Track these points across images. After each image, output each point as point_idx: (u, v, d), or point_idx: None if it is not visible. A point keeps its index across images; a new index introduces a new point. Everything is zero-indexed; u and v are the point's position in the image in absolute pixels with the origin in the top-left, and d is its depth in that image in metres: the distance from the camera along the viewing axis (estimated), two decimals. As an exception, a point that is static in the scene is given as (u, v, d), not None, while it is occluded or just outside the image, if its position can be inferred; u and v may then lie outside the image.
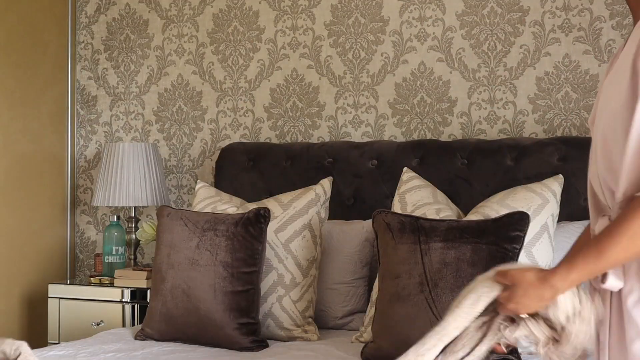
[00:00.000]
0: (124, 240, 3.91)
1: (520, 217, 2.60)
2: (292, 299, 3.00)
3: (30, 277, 4.14)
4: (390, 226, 2.73)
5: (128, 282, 3.72)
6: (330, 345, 2.86)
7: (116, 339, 2.99)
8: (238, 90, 4.06)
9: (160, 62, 4.22)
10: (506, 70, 3.59)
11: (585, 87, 3.48)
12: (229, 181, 3.79)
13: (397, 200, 3.06)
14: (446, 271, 2.57)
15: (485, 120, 3.63)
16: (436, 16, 3.70)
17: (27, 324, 4.12)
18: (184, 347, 2.88)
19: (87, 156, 4.38)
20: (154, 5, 4.24)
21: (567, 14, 3.51)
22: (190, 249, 2.96)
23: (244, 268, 2.90)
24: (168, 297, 2.95)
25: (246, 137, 4.03)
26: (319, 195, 3.14)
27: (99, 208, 4.35)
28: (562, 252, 2.95)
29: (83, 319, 3.78)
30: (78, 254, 4.40)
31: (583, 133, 3.49)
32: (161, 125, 4.22)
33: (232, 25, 4.07)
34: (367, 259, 3.24)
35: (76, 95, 4.41)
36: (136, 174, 3.86)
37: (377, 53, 3.80)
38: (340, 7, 3.87)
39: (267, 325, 2.99)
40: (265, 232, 2.96)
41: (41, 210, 4.22)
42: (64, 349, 2.82)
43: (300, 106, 3.93)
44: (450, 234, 2.63)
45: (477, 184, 3.38)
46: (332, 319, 3.19)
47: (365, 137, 3.81)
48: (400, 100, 3.76)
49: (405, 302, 2.59)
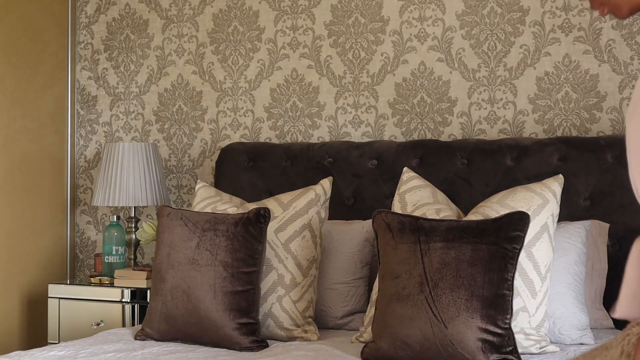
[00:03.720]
0: (124, 240, 3.91)
1: (520, 217, 2.60)
2: (292, 299, 3.00)
3: (30, 277, 4.14)
4: (390, 226, 2.73)
5: (128, 282, 3.72)
6: (330, 345, 2.86)
7: (116, 339, 2.99)
8: (238, 90, 4.06)
9: (160, 62, 4.22)
10: (506, 70, 3.59)
11: (585, 87, 3.48)
12: (228, 181, 3.79)
13: (397, 200, 3.06)
14: (446, 271, 2.57)
15: (485, 120, 3.63)
16: (436, 16, 3.70)
17: (27, 324, 4.12)
18: (184, 347, 2.88)
19: (87, 156, 4.38)
20: (154, 5, 4.24)
21: (567, 14, 3.51)
22: (190, 249, 2.96)
23: (244, 268, 2.90)
24: (168, 297, 2.95)
25: (246, 137, 4.03)
26: (319, 195, 3.14)
27: (99, 208, 4.35)
28: (562, 252, 2.96)
29: (83, 319, 3.78)
30: (78, 254, 4.40)
31: (583, 133, 3.49)
32: (161, 125, 4.22)
33: (232, 25, 4.07)
34: (367, 259, 3.24)
35: (76, 95, 4.41)
36: (136, 174, 3.86)
37: (377, 53, 3.80)
38: (340, 7, 3.87)
39: (267, 325, 2.99)
40: (265, 232, 2.96)
41: (41, 210, 4.22)
42: (64, 349, 2.82)
43: (300, 106, 3.93)
44: (450, 234, 2.63)
45: (477, 184, 3.38)
46: (332, 319, 3.18)
47: (365, 137, 3.81)
48: (400, 100, 3.76)
49: (405, 302, 2.59)
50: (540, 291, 2.72)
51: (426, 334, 2.54)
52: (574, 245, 2.96)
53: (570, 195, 3.23)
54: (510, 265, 2.56)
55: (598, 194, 3.23)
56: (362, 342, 2.88)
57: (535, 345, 2.68)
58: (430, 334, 2.53)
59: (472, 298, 2.52)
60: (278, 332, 2.99)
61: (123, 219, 4.10)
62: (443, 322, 2.53)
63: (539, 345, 2.69)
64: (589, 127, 3.47)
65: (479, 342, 2.49)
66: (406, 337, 2.57)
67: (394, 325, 2.59)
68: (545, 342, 2.70)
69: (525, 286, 2.71)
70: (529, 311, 2.70)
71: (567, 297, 2.88)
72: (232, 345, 2.86)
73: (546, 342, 2.70)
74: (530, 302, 2.71)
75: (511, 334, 2.53)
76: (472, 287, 2.53)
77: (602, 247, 3.10)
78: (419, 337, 2.56)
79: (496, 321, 2.51)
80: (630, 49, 3.42)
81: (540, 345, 2.69)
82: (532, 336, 2.69)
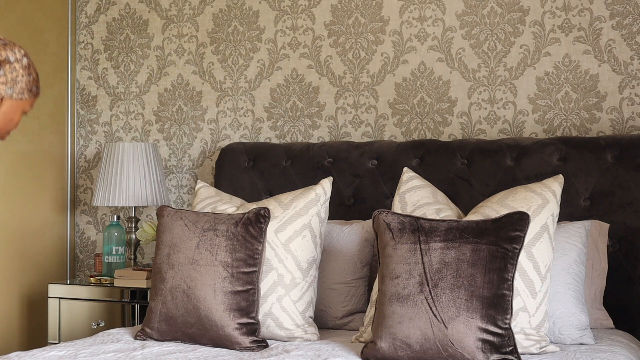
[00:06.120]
0: (124, 240, 3.91)
1: (520, 217, 2.61)
2: (292, 299, 3.00)
3: (30, 277, 4.14)
4: (390, 226, 2.73)
5: (128, 282, 3.72)
6: (330, 345, 2.86)
7: (116, 339, 2.99)
8: (238, 90, 4.06)
9: (160, 62, 4.22)
10: (506, 70, 3.60)
11: (585, 87, 3.48)
12: (228, 181, 3.79)
13: (397, 200, 3.06)
14: (446, 271, 2.57)
15: (485, 120, 3.63)
16: (436, 16, 3.71)
17: (27, 324, 4.13)
18: (184, 347, 2.88)
19: (87, 156, 4.38)
20: (154, 5, 4.24)
21: (567, 14, 3.51)
22: (190, 249, 2.96)
23: (244, 268, 2.91)
24: (168, 297, 2.95)
25: (246, 137, 4.03)
26: (319, 195, 3.14)
27: (99, 208, 4.35)
28: (562, 252, 2.96)
29: (83, 319, 3.78)
30: (78, 254, 4.40)
31: (583, 133, 3.49)
32: (161, 125, 4.22)
33: (232, 25, 4.07)
34: (367, 259, 3.24)
35: (76, 95, 4.41)
36: (136, 174, 3.87)
37: (377, 53, 3.80)
38: (340, 7, 3.87)
39: (267, 325, 2.99)
40: (265, 232, 2.96)
41: (41, 210, 4.22)
42: (64, 349, 2.82)
43: (300, 106, 3.93)
44: (450, 234, 2.63)
45: (477, 184, 3.38)
46: (332, 319, 3.19)
47: (365, 137, 3.81)
48: (400, 100, 3.76)
49: (405, 302, 2.59)
50: (540, 291, 2.73)
51: (426, 334, 2.54)
52: (574, 245, 2.96)
53: (570, 195, 3.23)
54: (510, 265, 2.56)
55: (598, 194, 3.23)
56: (362, 342, 2.88)
57: (535, 345, 2.69)
58: (430, 334, 2.53)
59: (472, 298, 2.53)
60: (278, 332, 2.99)
61: (123, 219, 4.10)
62: (443, 322, 2.53)
63: (539, 345, 2.69)
64: (589, 127, 3.48)
65: (479, 342, 2.49)
66: (406, 337, 2.57)
67: (394, 325, 2.59)
68: (545, 342, 2.70)
69: (525, 286, 2.71)
70: (529, 311, 2.70)
71: (567, 297, 2.88)
72: (232, 345, 2.87)
73: (546, 342, 2.70)
74: (530, 302, 2.71)
75: (511, 334, 2.53)
76: (472, 287, 2.53)
77: (602, 247, 3.10)
78: (419, 337, 2.56)
79: (496, 321, 2.51)
80: (630, 49, 3.42)
81: (540, 345, 2.69)
82: (532, 336, 2.69)
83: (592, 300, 3.03)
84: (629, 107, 3.42)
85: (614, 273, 3.15)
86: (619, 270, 3.17)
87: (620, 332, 3.01)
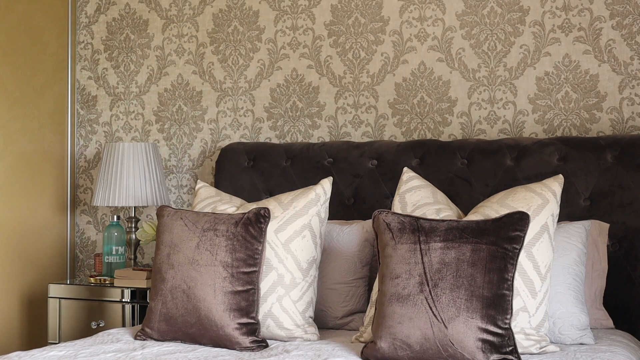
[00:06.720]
0: (124, 240, 3.91)
1: (520, 217, 2.61)
2: (292, 299, 3.00)
3: (30, 277, 4.14)
4: (390, 226, 2.73)
5: (128, 282, 3.72)
6: (330, 345, 2.86)
7: (116, 339, 2.99)
8: (238, 90, 4.06)
9: (160, 62, 4.22)
10: (506, 70, 3.60)
11: (585, 87, 3.49)
12: (228, 181, 3.79)
13: (397, 200, 3.06)
14: (446, 271, 2.58)
15: (485, 120, 3.63)
16: (436, 16, 3.71)
17: (27, 324, 4.13)
18: (184, 347, 2.88)
19: (87, 156, 4.38)
20: (154, 5, 4.24)
21: (567, 14, 3.51)
22: (190, 249, 2.96)
23: (244, 268, 2.91)
24: (168, 297, 2.96)
25: (246, 137, 4.03)
26: (319, 195, 3.14)
27: (99, 208, 4.35)
28: (562, 252, 2.96)
29: (83, 319, 3.78)
30: (78, 254, 4.40)
31: (583, 133, 3.49)
32: (161, 125, 4.22)
33: (232, 25, 4.08)
34: (367, 259, 3.24)
35: (76, 95, 4.42)
36: (136, 174, 3.87)
37: (377, 53, 3.80)
38: (340, 7, 3.87)
39: (267, 325, 2.99)
40: (265, 232, 2.96)
41: (41, 210, 4.22)
42: (64, 349, 2.82)
43: (300, 106, 3.93)
44: (450, 234, 2.63)
45: (477, 184, 3.38)
46: (332, 319, 3.19)
47: (365, 137, 3.81)
48: (400, 100, 3.76)
49: (405, 302, 2.59)
50: (540, 291, 2.73)
51: (426, 334, 2.54)
52: (574, 245, 2.96)
53: (570, 195, 3.23)
54: (510, 265, 2.56)
55: (598, 194, 3.23)
56: (362, 342, 2.88)
57: (535, 345, 2.69)
58: (430, 334, 2.53)
59: (472, 298, 2.53)
60: (278, 332, 2.99)
61: (123, 219, 4.10)
62: (443, 322, 2.53)
63: (539, 345, 2.69)
64: (589, 127, 3.48)
65: (479, 342, 2.50)
66: (406, 337, 2.57)
67: (394, 325, 2.59)
68: (545, 342, 2.70)
69: (525, 286, 2.71)
70: (529, 311, 2.70)
71: (567, 297, 2.88)
72: (232, 345, 2.87)
73: (546, 342, 2.70)
74: (530, 302, 2.71)
75: (511, 334, 2.53)
76: (472, 287, 2.54)
77: (602, 247, 3.10)
78: (419, 337, 2.56)
79: (496, 321, 2.51)
80: (630, 49, 3.42)
81: (540, 345, 2.69)
82: (532, 336, 2.69)
83: (592, 300, 3.04)
84: (629, 107, 3.42)
85: (614, 273, 3.15)
86: (619, 270, 3.18)
87: (620, 332, 3.01)
